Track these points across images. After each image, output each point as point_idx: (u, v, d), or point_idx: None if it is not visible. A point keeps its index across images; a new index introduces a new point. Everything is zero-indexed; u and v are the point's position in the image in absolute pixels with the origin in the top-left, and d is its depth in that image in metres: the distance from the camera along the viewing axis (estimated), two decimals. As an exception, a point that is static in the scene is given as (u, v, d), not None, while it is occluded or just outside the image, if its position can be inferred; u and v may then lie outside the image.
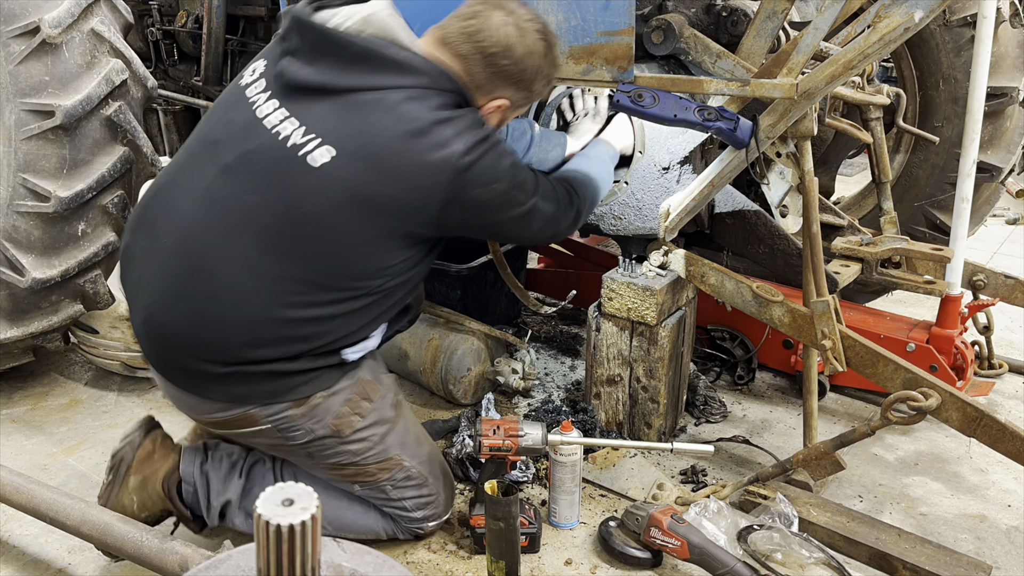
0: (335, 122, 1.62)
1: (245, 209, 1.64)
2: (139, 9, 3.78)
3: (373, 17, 1.67)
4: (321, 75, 1.64)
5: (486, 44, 1.69)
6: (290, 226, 1.63)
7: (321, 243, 1.63)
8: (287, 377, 1.72)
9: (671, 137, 2.27)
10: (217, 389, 1.73)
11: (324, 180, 1.60)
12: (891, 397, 1.90)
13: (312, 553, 0.83)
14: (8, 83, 2.31)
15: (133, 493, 1.92)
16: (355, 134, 1.61)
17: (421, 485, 1.94)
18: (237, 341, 1.66)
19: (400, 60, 1.64)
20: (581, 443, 2.04)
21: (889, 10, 1.67)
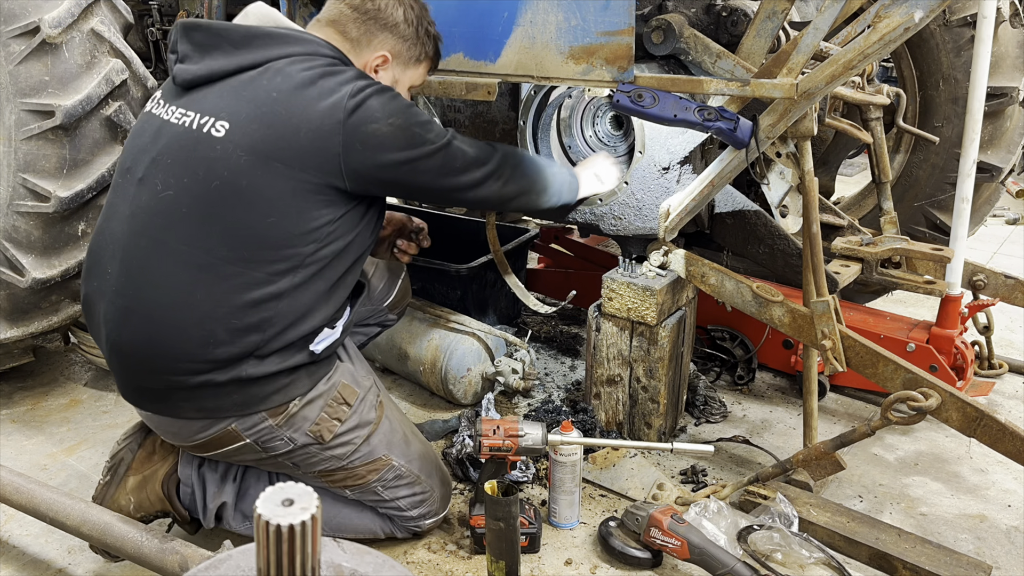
0: (228, 99, 1.68)
1: (164, 207, 1.67)
2: (139, 9, 3.78)
3: (252, 10, 1.81)
4: (210, 66, 1.71)
5: (352, 1, 1.81)
6: (206, 207, 1.65)
7: (239, 213, 1.64)
8: (257, 384, 1.71)
9: (671, 137, 2.27)
10: (189, 406, 1.72)
11: (226, 149, 1.64)
12: (891, 397, 1.90)
13: (312, 553, 0.83)
14: (8, 83, 2.31)
15: (131, 493, 1.93)
16: (247, 100, 1.66)
17: (413, 483, 1.94)
18: (193, 342, 1.65)
19: (281, 33, 1.73)
20: (581, 443, 2.04)
21: (889, 10, 1.67)
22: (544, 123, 2.47)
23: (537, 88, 2.45)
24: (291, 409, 1.75)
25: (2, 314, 2.49)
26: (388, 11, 1.83)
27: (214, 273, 1.65)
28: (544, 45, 1.98)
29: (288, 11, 2.62)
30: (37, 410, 2.69)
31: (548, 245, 3.46)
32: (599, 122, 2.48)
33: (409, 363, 2.68)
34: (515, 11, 1.99)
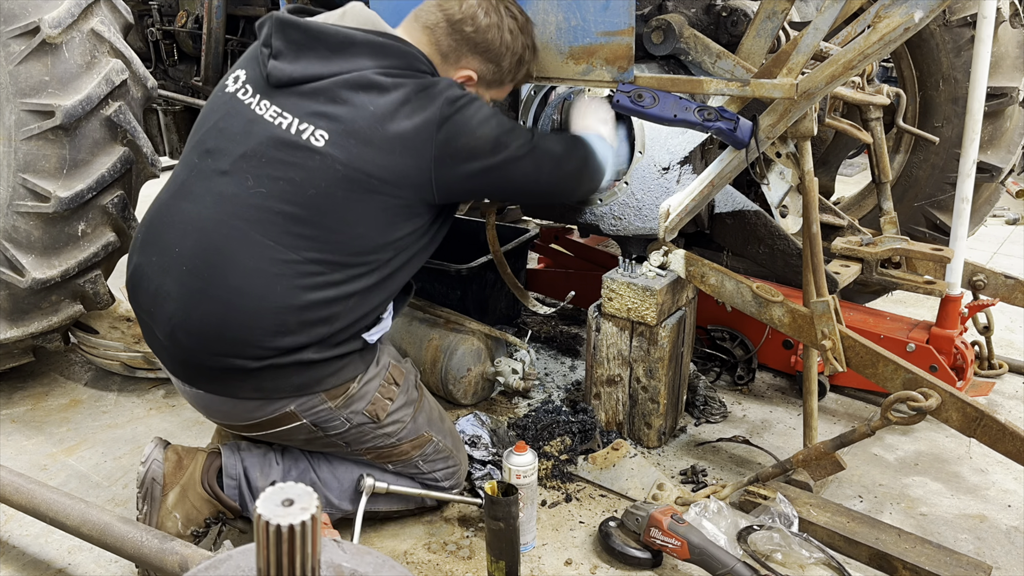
0: (324, 108, 1.70)
1: (255, 202, 1.69)
2: (139, 9, 3.78)
3: (351, 10, 1.82)
4: (306, 69, 1.73)
5: (452, 12, 1.82)
6: (300, 211, 1.69)
7: (331, 222, 1.70)
8: (316, 367, 1.77)
9: (671, 137, 2.27)
10: (248, 386, 1.75)
11: (324, 161, 1.68)
12: (891, 397, 1.90)
13: (312, 553, 0.83)
14: (8, 83, 2.31)
15: (175, 510, 1.88)
16: (345, 113, 1.70)
17: (448, 457, 2.05)
18: (265, 330, 1.70)
19: (377, 43, 1.74)
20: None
21: (889, 10, 1.67)
22: (544, 123, 2.47)
23: (537, 88, 2.45)
24: (350, 390, 1.83)
25: (2, 314, 2.49)
26: (483, 35, 1.84)
27: (297, 270, 1.70)
28: (544, 45, 1.98)
29: (288, 11, 2.62)
30: (37, 410, 2.69)
31: (548, 245, 3.46)
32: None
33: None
34: (515, 11, 1.98)
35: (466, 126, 1.75)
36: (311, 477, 1.96)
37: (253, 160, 1.70)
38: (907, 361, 1.96)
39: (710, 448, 2.43)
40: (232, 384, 1.75)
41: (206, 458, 1.93)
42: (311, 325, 1.72)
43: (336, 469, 1.98)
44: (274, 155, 1.70)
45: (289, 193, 1.69)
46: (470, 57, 1.86)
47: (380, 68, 1.73)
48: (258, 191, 1.69)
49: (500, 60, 1.88)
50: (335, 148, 1.68)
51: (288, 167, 1.69)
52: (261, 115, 1.73)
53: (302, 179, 1.68)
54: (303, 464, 1.97)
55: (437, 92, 1.74)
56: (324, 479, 1.96)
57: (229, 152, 1.73)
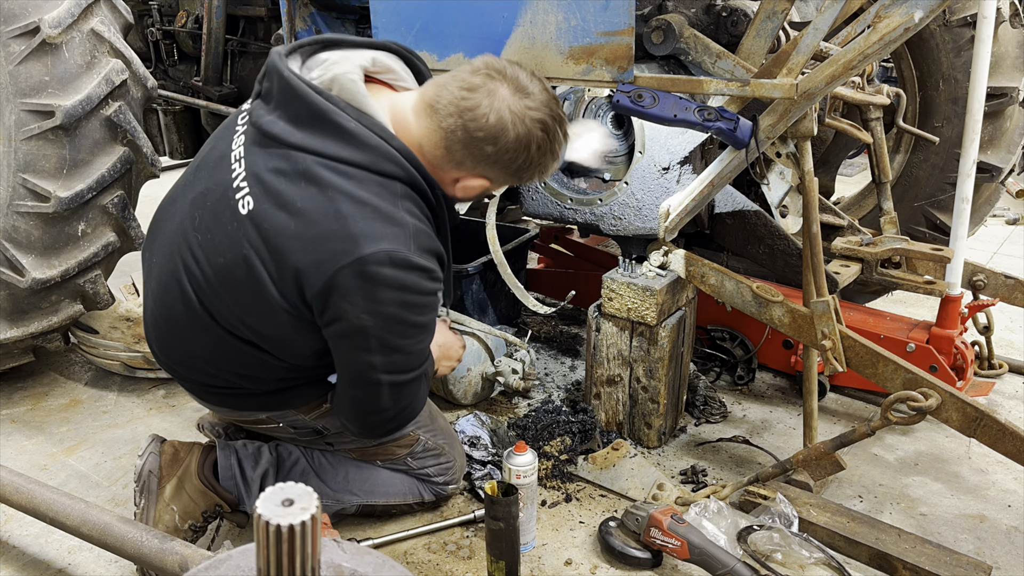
0: (269, 176, 1.52)
1: (193, 248, 1.62)
2: (139, 9, 3.77)
3: (341, 78, 1.56)
4: (275, 126, 1.55)
5: (472, 124, 1.54)
6: (212, 274, 1.59)
7: (232, 304, 1.59)
8: (275, 395, 1.79)
9: (671, 137, 2.27)
10: (215, 400, 1.83)
11: (239, 231, 1.54)
12: (891, 397, 1.90)
13: (312, 553, 0.83)
14: (8, 83, 2.31)
15: (172, 503, 1.88)
16: (276, 195, 1.51)
17: (440, 454, 2.06)
18: (208, 373, 1.74)
19: (350, 130, 1.51)
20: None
21: (889, 10, 1.67)
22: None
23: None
24: (323, 408, 1.84)
25: (2, 314, 2.49)
26: (504, 155, 1.57)
27: (216, 338, 1.65)
28: (544, 45, 1.98)
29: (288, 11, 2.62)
30: (37, 410, 2.69)
31: (548, 245, 3.46)
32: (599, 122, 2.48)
33: (409, 363, 2.68)
34: (515, 11, 1.99)
35: (360, 301, 1.49)
36: (305, 466, 1.98)
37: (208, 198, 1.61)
38: (907, 361, 1.96)
39: (710, 448, 2.43)
40: (204, 395, 1.82)
41: (202, 451, 1.95)
42: (254, 380, 1.73)
43: (332, 459, 2.01)
44: (215, 204, 1.59)
45: (210, 251, 1.59)
46: (486, 168, 1.61)
47: (335, 159, 1.50)
48: (195, 236, 1.61)
49: (520, 174, 1.64)
50: (252, 223, 1.52)
51: (217, 223, 1.58)
52: (230, 154, 1.61)
53: (219, 241, 1.57)
54: (297, 454, 2.00)
55: (382, 238, 1.47)
56: (319, 469, 1.99)
57: (203, 178, 1.65)
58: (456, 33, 2.09)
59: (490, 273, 2.90)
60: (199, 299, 1.62)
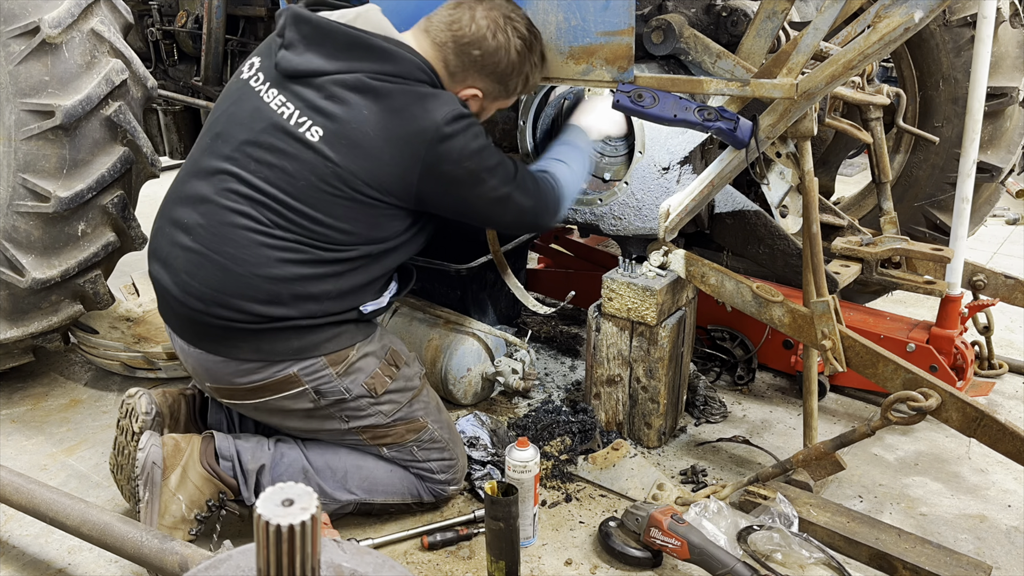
0: (323, 104, 1.77)
1: (254, 183, 1.79)
2: (139, 9, 3.77)
3: (365, 13, 1.86)
4: (311, 63, 1.79)
5: (460, 34, 1.85)
6: (291, 198, 1.78)
7: (318, 213, 1.79)
8: (312, 332, 1.86)
9: (671, 137, 2.27)
10: (248, 347, 1.84)
11: (316, 157, 1.77)
12: (891, 397, 1.90)
13: (312, 553, 0.83)
14: (8, 83, 2.31)
15: (178, 492, 1.91)
16: (341, 113, 1.76)
17: (444, 449, 2.08)
18: (258, 298, 1.80)
19: (383, 48, 1.79)
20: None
21: (889, 10, 1.67)
22: (544, 123, 2.47)
23: (537, 88, 2.45)
24: (351, 358, 1.90)
25: (2, 314, 2.49)
26: (490, 58, 1.86)
27: (289, 251, 1.80)
28: (544, 45, 1.98)
29: None
30: (37, 410, 2.69)
31: (548, 245, 3.46)
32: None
33: (409, 363, 2.68)
34: (515, 11, 1.98)
35: (454, 154, 1.80)
36: (303, 464, 1.98)
37: (255, 146, 1.80)
38: (907, 361, 1.96)
39: (710, 448, 2.43)
40: (233, 344, 1.84)
41: (203, 440, 1.98)
42: (301, 300, 1.82)
43: (330, 458, 2.01)
44: (273, 142, 1.79)
45: (283, 180, 1.78)
46: (476, 77, 1.90)
47: (379, 73, 1.78)
48: (257, 176, 1.79)
49: (507, 80, 1.92)
50: (327, 146, 1.76)
51: (284, 156, 1.78)
52: (268, 103, 1.82)
53: (295, 169, 1.77)
54: (295, 452, 1.99)
55: (434, 107, 1.79)
56: (317, 467, 1.99)
57: (234, 137, 1.83)
58: (456, 33, 2.08)
59: (490, 273, 2.90)
60: (271, 222, 1.79)
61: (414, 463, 2.05)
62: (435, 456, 2.07)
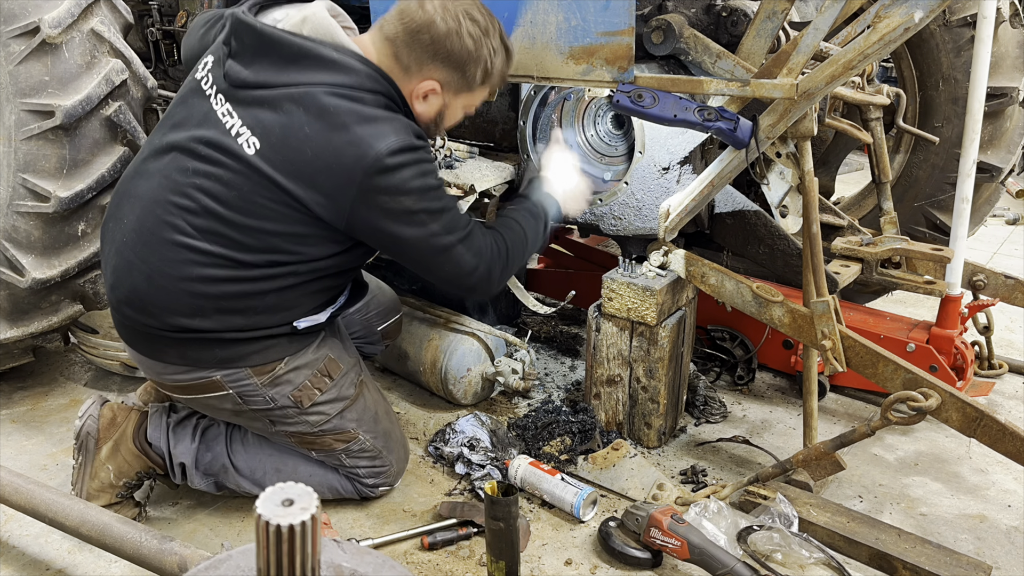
0: (267, 116, 1.71)
1: (187, 191, 1.77)
2: (139, 9, 3.77)
3: (312, 17, 1.77)
4: (258, 75, 1.74)
5: (408, 21, 1.77)
6: (222, 209, 1.75)
7: (249, 224, 1.75)
8: (237, 344, 1.84)
9: (671, 137, 2.27)
10: (173, 353, 1.86)
11: (251, 167, 1.72)
12: (891, 397, 1.90)
13: (312, 553, 0.83)
14: (8, 83, 2.31)
15: (107, 462, 2.02)
16: (281, 126, 1.70)
17: (375, 457, 2.08)
18: (181, 310, 1.80)
19: (331, 58, 1.71)
20: None
21: (889, 10, 1.67)
22: (544, 123, 2.47)
23: (537, 88, 2.45)
24: (277, 371, 1.89)
25: (2, 314, 2.49)
26: (441, 43, 1.77)
27: (216, 266, 1.77)
28: (544, 45, 1.98)
29: (288, 11, 2.61)
30: (37, 410, 2.69)
31: (548, 245, 3.46)
32: (599, 122, 2.48)
33: (409, 363, 2.68)
34: (515, 11, 1.99)
35: (392, 188, 1.72)
36: (223, 462, 2.04)
37: (196, 151, 1.77)
38: (907, 361, 1.96)
39: (710, 448, 2.43)
40: (160, 349, 1.87)
41: (138, 418, 2.06)
42: (227, 313, 1.81)
43: (251, 458, 2.05)
44: (210, 153, 1.75)
45: (216, 190, 1.74)
46: (431, 66, 1.80)
47: (328, 85, 1.70)
48: (191, 181, 1.76)
49: (464, 67, 1.81)
50: (263, 160, 1.71)
51: (220, 167, 1.74)
52: (216, 110, 1.77)
53: (228, 180, 1.73)
54: (220, 448, 2.06)
55: (381, 133, 1.69)
56: (238, 466, 2.04)
57: (188, 130, 1.80)
58: (456, 33, 2.08)
59: (490, 273, 2.90)
60: (199, 232, 1.75)
61: (341, 467, 2.08)
62: (364, 463, 2.08)
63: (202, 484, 2.07)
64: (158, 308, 1.80)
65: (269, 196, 1.72)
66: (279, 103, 1.70)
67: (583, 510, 2.07)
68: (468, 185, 2.44)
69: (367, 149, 1.68)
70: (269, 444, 2.08)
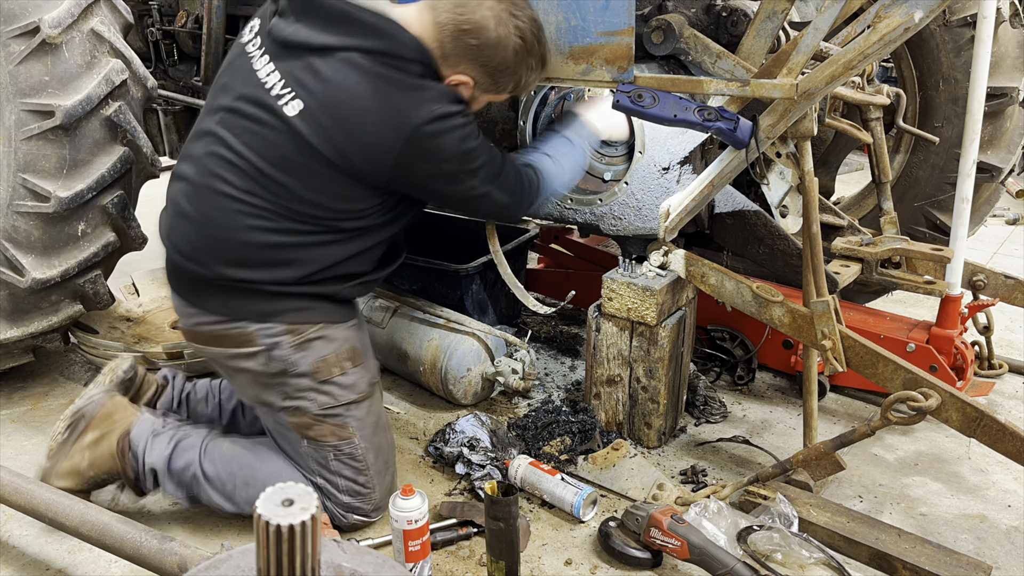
0: (308, 78, 1.77)
1: (233, 151, 1.83)
2: (139, 9, 3.77)
3: None
4: (300, 34, 1.79)
5: (463, 18, 1.79)
6: (268, 166, 1.80)
7: (293, 182, 1.81)
8: (280, 299, 1.89)
9: (671, 137, 2.27)
10: (215, 302, 1.90)
11: (295, 128, 1.77)
12: (891, 397, 1.90)
13: (312, 553, 0.83)
14: (8, 83, 2.31)
15: (87, 449, 2.04)
16: (323, 88, 1.75)
17: (360, 471, 2.02)
18: (228, 258, 1.85)
19: (371, 23, 1.76)
20: None
21: (889, 10, 1.67)
22: (544, 123, 2.47)
23: (537, 88, 2.44)
24: (309, 333, 1.92)
25: (2, 314, 2.49)
26: (486, 50, 1.82)
27: (262, 218, 1.83)
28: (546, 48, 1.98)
29: None
30: (37, 410, 2.69)
31: (548, 245, 3.46)
32: (599, 122, 2.48)
33: (409, 363, 2.68)
34: (515, 11, 1.98)
35: (432, 154, 1.80)
36: (195, 471, 2.02)
37: (238, 113, 1.83)
38: (907, 361, 1.96)
39: (710, 448, 2.43)
40: (204, 297, 1.91)
41: (128, 426, 2.06)
42: (273, 266, 1.86)
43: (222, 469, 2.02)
44: (254, 112, 1.81)
45: (262, 148, 1.80)
46: (468, 65, 1.84)
47: (368, 52, 1.75)
48: (237, 142, 1.82)
49: (498, 77, 1.87)
50: (305, 121, 1.76)
51: (263, 125, 1.80)
52: (256, 71, 1.83)
53: (273, 139, 1.79)
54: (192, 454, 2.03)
55: (420, 101, 1.76)
56: (208, 475, 2.02)
57: (233, 91, 1.86)
58: (456, 33, 2.08)
59: (490, 273, 2.90)
60: (246, 185, 1.82)
61: (324, 471, 1.99)
62: (347, 473, 2.00)
63: (175, 493, 2.05)
64: (208, 256, 1.86)
65: (313, 158, 1.78)
66: (318, 64, 1.76)
67: (583, 510, 2.07)
68: (468, 185, 2.43)
69: (405, 118, 1.74)
70: (242, 456, 2.03)
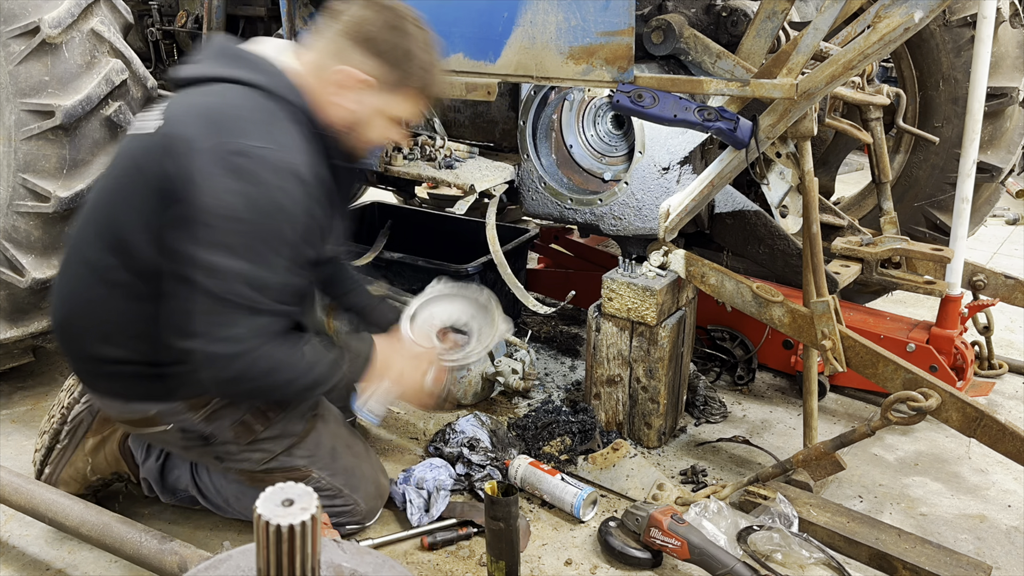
0: (182, 100, 1.66)
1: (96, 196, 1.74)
2: (139, 9, 3.77)
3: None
4: (192, 69, 1.70)
5: (345, 17, 1.65)
6: (107, 208, 1.67)
7: (112, 206, 1.64)
8: (162, 379, 1.70)
9: (671, 137, 2.27)
10: (104, 386, 1.79)
11: (128, 145, 1.69)
12: (891, 397, 1.90)
13: (312, 553, 0.83)
14: (8, 83, 2.31)
15: (89, 455, 2.03)
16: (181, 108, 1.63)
17: (335, 496, 1.93)
18: (93, 337, 1.71)
19: (247, 57, 1.68)
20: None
21: (889, 10, 1.67)
22: (543, 123, 2.47)
23: (537, 88, 2.45)
24: (211, 404, 1.78)
25: (2, 314, 2.49)
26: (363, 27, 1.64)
27: (101, 267, 1.65)
28: (544, 45, 1.98)
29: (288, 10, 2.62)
30: (37, 410, 2.69)
31: (548, 245, 3.46)
32: (599, 122, 2.48)
33: (409, 363, 2.67)
34: (515, 11, 1.99)
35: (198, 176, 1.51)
36: (187, 482, 2.01)
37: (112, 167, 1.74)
38: (907, 361, 1.96)
39: (710, 448, 2.43)
40: (93, 382, 1.80)
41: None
42: (131, 339, 1.68)
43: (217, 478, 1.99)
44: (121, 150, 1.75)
45: (110, 187, 1.68)
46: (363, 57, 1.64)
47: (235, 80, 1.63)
48: (101, 183, 1.73)
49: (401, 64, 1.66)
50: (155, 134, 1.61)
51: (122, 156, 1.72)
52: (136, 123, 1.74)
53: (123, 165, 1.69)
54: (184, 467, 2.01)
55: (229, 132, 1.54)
56: (203, 486, 2.00)
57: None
58: (456, 33, 2.09)
59: (490, 273, 2.90)
60: (96, 234, 1.67)
61: None
62: (323, 503, 1.80)
63: (172, 501, 2.05)
64: (78, 335, 1.72)
65: (129, 175, 1.64)
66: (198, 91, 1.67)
67: (583, 510, 2.06)
68: (468, 185, 2.44)
69: (217, 135, 1.56)
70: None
